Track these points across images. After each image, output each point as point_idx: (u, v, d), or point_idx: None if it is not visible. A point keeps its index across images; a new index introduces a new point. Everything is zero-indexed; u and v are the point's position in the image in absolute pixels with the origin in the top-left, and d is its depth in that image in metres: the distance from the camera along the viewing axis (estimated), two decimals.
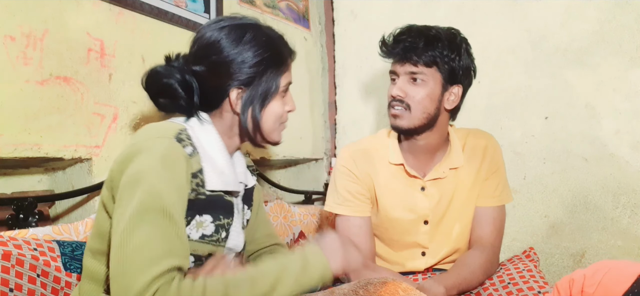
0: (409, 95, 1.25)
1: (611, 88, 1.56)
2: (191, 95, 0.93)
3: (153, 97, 0.97)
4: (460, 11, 1.83)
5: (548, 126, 1.68)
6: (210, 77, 0.93)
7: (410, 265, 1.35)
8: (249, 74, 0.92)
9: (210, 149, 0.92)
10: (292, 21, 2.04)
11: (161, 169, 0.79)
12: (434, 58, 1.22)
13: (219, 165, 0.92)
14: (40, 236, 1.00)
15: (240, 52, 0.91)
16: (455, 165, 1.32)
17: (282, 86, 0.96)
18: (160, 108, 0.97)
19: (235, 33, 0.92)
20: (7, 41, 1.10)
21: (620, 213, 1.56)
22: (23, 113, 1.12)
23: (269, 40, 0.95)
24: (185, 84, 0.93)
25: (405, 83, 1.25)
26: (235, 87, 0.92)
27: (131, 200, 0.77)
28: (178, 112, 0.96)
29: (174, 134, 0.85)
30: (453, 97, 1.28)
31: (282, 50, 0.97)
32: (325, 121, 2.24)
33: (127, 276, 0.72)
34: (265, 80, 0.93)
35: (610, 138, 1.57)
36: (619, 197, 1.56)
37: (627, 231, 1.55)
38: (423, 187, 1.32)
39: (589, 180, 1.60)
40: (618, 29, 1.55)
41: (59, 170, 1.37)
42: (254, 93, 0.93)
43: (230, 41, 0.91)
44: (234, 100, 0.93)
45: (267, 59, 0.93)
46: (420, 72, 1.23)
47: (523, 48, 1.72)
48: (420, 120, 1.25)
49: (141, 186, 0.77)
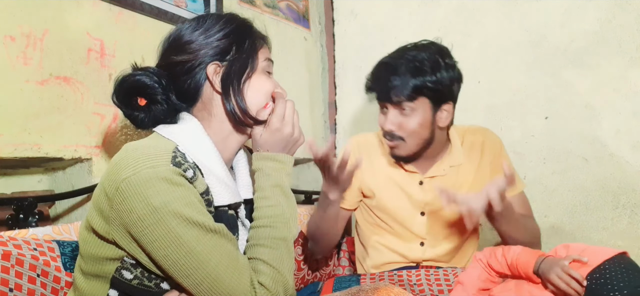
0: (401, 127, 1.26)
1: (611, 88, 1.56)
2: (168, 88, 0.87)
3: (127, 110, 0.88)
4: (460, 11, 1.83)
5: (548, 126, 1.68)
6: (181, 61, 0.87)
7: (410, 255, 1.37)
8: (220, 47, 0.88)
9: (207, 161, 0.85)
10: (292, 21, 2.04)
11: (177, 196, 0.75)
12: (417, 89, 1.21)
13: (222, 176, 0.87)
14: (40, 236, 1.00)
15: (206, 28, 0.89)
16: (456, 163, 1.35)
17: (262, 60, 0.92)
18: (137, 124, 0.89)
19: (196, 20, 0.91)
20: (7, 41, 1.10)
21: (620, 213, 1.56)
22: (23, 113, 1.13)
23: (234, 17, 0.93)
24: (158, 79, 0.87)
25: (396, 116, 1.26)
26: (211, 62, 0.87)
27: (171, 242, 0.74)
28: (159, 118, 0.89)
29: (169, 159, 0.77)
30: (445, 114, 1.28)
31: (251, 26, 0.94)
32: (325, 121, 2.24)
33: None
34: (241, 52, 0.89)
35: (610, 138, 1.57)
36: (619, 197, 1.56)
37: (627, 231, 1.55)
38: (421, 181, 1.35)
39: (589, 180, 1.60)
40: (618, 29, 1.55)
41: (59, 170, 1.37)
42: (231, 68, 0.88)
43: (193, 26, 0.90)
44: (212, 77, 0.87)
45: (237, 31, 0.90)
46: (407, 105, 1.23)
47: (523, 48, 1.72)
48: (417, 147, 1.28)
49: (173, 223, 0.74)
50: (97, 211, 0.79)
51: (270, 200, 0.88)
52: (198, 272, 0.75)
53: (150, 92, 0.87)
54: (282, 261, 0.84)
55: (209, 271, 0.76)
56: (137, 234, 0.75)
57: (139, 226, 0.74)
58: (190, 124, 0.88)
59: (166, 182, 0.74)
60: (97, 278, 0.82)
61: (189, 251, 0.75)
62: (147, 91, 0.87)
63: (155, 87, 0.86)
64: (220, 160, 0.88)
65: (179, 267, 0.75)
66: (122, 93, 0.87)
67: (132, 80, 0.86)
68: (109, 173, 0.77)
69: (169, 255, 0.75)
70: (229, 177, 0.89)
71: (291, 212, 0.90)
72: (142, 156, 0.76)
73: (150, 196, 0.73)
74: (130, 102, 0.88)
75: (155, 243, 0.74)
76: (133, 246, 0.77)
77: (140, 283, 0.80)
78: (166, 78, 0.88)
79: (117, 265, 0.79)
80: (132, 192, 0.73)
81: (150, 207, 0.73)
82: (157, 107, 0.88)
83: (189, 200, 0.76)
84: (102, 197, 0.78)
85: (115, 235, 0.77)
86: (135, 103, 0.88)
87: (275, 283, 0.82)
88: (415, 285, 1.28)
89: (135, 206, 0.73)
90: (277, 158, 0.91)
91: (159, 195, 0.73)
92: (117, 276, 0.79)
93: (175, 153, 0.79)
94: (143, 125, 0.89)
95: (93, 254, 0.81)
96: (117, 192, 0.74)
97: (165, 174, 0.75)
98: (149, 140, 0.83)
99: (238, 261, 0.80)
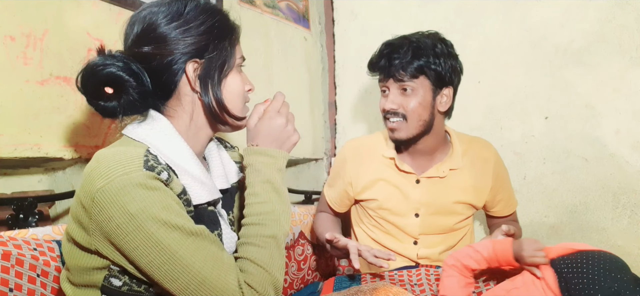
0: (402, 105, 1.29)
1: (611, 88, 1.56)
2: (141, 81, 0.82)
3: (92, 99, 0.83)
4: (459, 11, 1.83)
5: (548, 126, 1.68)
6: (157, 54, 0.82)
7: (405, 253, 1.38)
8: (200, 43, 0.84)
9: (180, 160, 0.83)
10: (292, 21, 2.04)
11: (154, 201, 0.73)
12: (419, 68, 1.26)
13: (197, 175, 0.85)
14: (40, 236, 0.99)
15: (186, 21, 0.84)
16: (456, 167, 1.36)
17: (237, 57, 0.91)
18: (104, 114, 0.84)
19: (173, 6, 0.85)
20: (7, 41, 1.09)
21: (620, 213, 1.56)
22: (23, 113, 1.12)
23: (214, 9, 0.89)
24: (130, 69, 0.81)
25: (397, 96, 1.29)
26: (189, 59, 0.84)
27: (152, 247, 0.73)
28: (130, 111, 0.84)
29: (141, 164, 0.75)
30: (445, 99, 1.32)
31: (229, 20, 0.91)
32: (325, 121, 2.24)
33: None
34: (220, 49, 0.86)
35: (610, 138, 1.57)
36: (619, 197, 1.56)
37: (627, 231, 1.55)
38: (418, 180, 1.36)
39: (589, 180, 1.60)
40: (618, 29, 1.55)
41: (59, 170, 1.37)
42: (210, 65, 0.85)
43: (171, 14, 0.84)
44: (191, 75, 0.84)
45: (216, 26, 0.87)
46: (409, 83, 1.27)
47: (523, 48, 1.72)
48: (417, 128, 1.30)
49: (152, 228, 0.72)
50: (76, 223, 0.78)
51: (260, 196, 0.86)
52: (183, 276, 0.74)
53: (123, 86, 0.81)
54: (271, 260, 0.82)
55: (194, 274, 0.74)
56: (118, 242, 0.74)
57: (118, 235, 0.73)
58: (160, 124, 0.85)
59: (141, 188, 0.73)
60: (87, 288, 0.81)
61: (172, 255, 0.73)
62: (119, 84, 0.81)
63: (129, 81, 0.81)
64: (194, 157, 0.86)
65: (163, 272, 0.74)
66: (91, 83, 0.82)
67: (106, 73, 0.80)
68: (83, 184, 0.75)
69: (153, 261, 0.73)
70: (204, 173, 0.87)
71: (282, 209, 0.87)
72: (114, 163, 0.74)
73: (127, 203, 0.72)
74: (97, 92, 0.82)
75: (137, 250, 0.73)
76: (116, 255, 0.76)
77: (130, 289, 0.79)
78: (139, 71, 0.82)
79: (105, 274, 0.79)
80: (108, 201, 0.72)
81: (127, 215, 0.72)
82: (126, 98, 0.82)
83: (166, 203, 0.75)
84: (80, 209, 0.76)
85: (98, 245, 0.76)
86: (102, 92, 0.82)
87: (264, 283, 0.80)
88: (416, 285, 1.29)
89: (113, 214, 0.72)
90: (268, 152, 0.88)
91: (135, 202, 0.72)
92: (106, 284, 0.79)
93: (147, 157, 0.77)
94: (110, 116, 0.84)
95: (79, 265, 0.79)
96: (94, 202, 0.73)
97: (139, 179, 0.73)
98: (119, 146, 0.80)
99: (223, 262, 0.78)
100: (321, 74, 2.23)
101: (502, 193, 1.42)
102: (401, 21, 1.97)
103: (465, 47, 1.80)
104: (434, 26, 1.38)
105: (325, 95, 2.24)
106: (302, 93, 2.08)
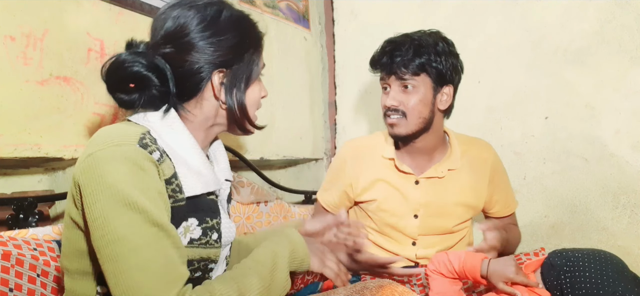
0: (402, 103, 1.29)
1: (611, 88, 1.56)
2: (165, 81, 0.83)
3: (113, 91, 0.84)
4: (460, 11, 1.83)
5: (548, 126, 1.67)
6: (185, 59, 0.83)
7: (403, 253, 1.38)
8: (229, 55, 0.85)
9: (180, 150, 0.83)
10: (292, 21, 2.04)
11: (134, 179, 0.72)
12: (421, 65, 1.27)
13: (195, 166, 0.84)
14: (40, 236, 1.00)
15: (218, 32, 0.84)
16: (454, 167, 1.36)
17: (261, 67, 0.92)
18: (121, 104, 0.85)
19: (207, 12, 0.85)
20: (7, 41, 1.10)
21: (620, 213, 1.56)
22: (23, 113, 1.12)
23: (244, 19, 0.89)
24: (157, 69, 0.82)
25: (398, 93, 1.30)
26: (216, 69, 0.85)
27: (111, 221, 0.70)
28: (148, 106, 0.84)
29: (136, 139, 0.75)
30: (445, 97, 1.32)
31: (257, 31, 0.92)
32: (325, 121, 2.24)
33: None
34: (247, 61, 0.88)
35: (610, 138, 1.57)
36: (619, 197, 1.56)
37: (627, 231, 1.55)
38: (417, 180, 1.36)
39: (589, 180, 1.60)
40: (618, 29, 1.55)
41: (59, 170, 1.37)
42: (236, 76, 0.86)
43: (205, 22, 0.84)
44: (216, 84, 0.85)
45: (245, 37, 0.88)
46: (410, 81, 1.28)
47: (523, 48, 1.72)
48: (417, 125, 1.30)
49: (118, 203, 0.70)
50: (71, 199, 0.78)
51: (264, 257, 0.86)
52: (124, 260, 0.69)
53: (147, 84, 0.82)
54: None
55: (136, 263, 0.69)
56: (85, 207, 0.72)
57: (88, 202, 0.71)
58: (170, 118, 0.85)
59: (128, 162, 0.72)
60: (84, 276, 0.80)
61: (124, 235, 0.69)
62: (143, 82, 0.82)
63: (154, 81, 0.82)
64: (197, 147, 0.86)
65: (109, 250, 0.69)
66: (117, 77, 0.82)
67: (133, 71, 0.81)
68: (79, 157, 0.76)
69: (105, 235, 0.70)
70: (205, 164, 0.86)
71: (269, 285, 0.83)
72: (110, 136, 0.75)
73: (108, 172, 0.71)
74: (120, 86, 0.83)
75: (96, 221, 0.70)
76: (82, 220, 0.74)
77: None
78: (165, 71, 0.83)
79: None
80: (93, 166, 0.72)
81: (104, 183, 0.71)
82: (148, 93, 0.83)
83: (145, 185, 0.73)
84: (73, 183, 0.76)
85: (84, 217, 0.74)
86: (125, 86, 0.83)
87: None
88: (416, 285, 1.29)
89: (92, 178, 0.71)
90: (300, 250, 0.92)
91: (115, 174, 0.71)
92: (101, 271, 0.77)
93: (144, 136, 0.77)
94: (126, 107, 0.85)
95: (76, 248, 0.79)
96: (82, 167, 0.73)
97: (129, 153, 0.73)
98: (120, 125, 0.81)
99: (175, 270, 0.72)
100: (321, 74, 2.23)
101: (499, 194, 1.42)
102: (401, 21, 1.97)
103: (465, 46, 1.79)
104: (434, 26, 1.38)
105: (325, 95, 2.24)
106: (302, 93, 2.08)
